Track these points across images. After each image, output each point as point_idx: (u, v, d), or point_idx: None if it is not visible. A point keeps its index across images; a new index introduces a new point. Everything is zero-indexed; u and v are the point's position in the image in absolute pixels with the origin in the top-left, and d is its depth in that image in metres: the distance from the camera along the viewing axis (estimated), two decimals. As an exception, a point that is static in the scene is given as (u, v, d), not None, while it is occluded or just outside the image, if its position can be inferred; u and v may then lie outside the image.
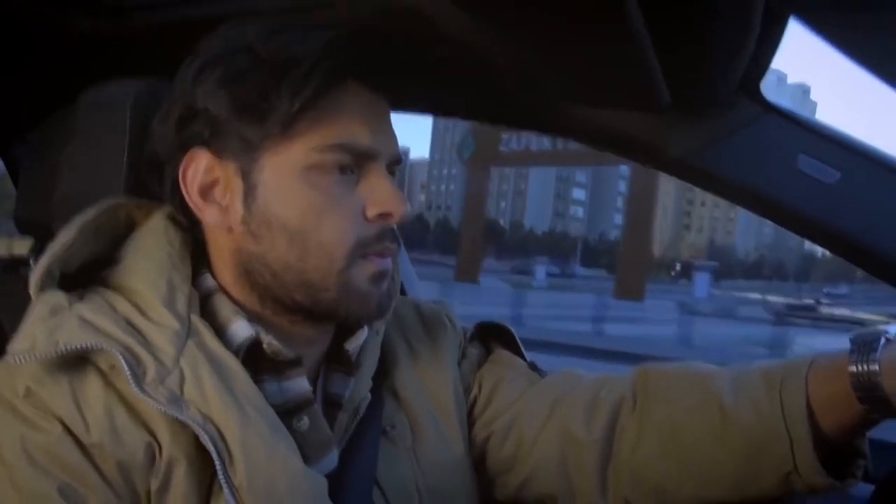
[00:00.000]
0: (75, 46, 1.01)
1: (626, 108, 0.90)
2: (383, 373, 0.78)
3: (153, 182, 0.70)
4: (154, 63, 0.79)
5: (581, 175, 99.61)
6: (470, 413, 0.83)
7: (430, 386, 0.80)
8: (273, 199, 0.65)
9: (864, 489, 0.83)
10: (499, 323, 0.90)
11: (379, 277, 0.68)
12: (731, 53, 0.78)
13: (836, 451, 0.69)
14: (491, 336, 0.90)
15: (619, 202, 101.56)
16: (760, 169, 0.88)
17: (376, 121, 0.68)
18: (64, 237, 0.66)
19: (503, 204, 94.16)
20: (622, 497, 0.77)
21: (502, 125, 1.07)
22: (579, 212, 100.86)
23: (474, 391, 0.84)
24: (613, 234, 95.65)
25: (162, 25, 0.94)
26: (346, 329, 0.73)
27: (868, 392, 0.63)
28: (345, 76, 0.65)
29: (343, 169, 0.66)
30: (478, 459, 0.82)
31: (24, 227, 0.88)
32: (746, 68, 0.83)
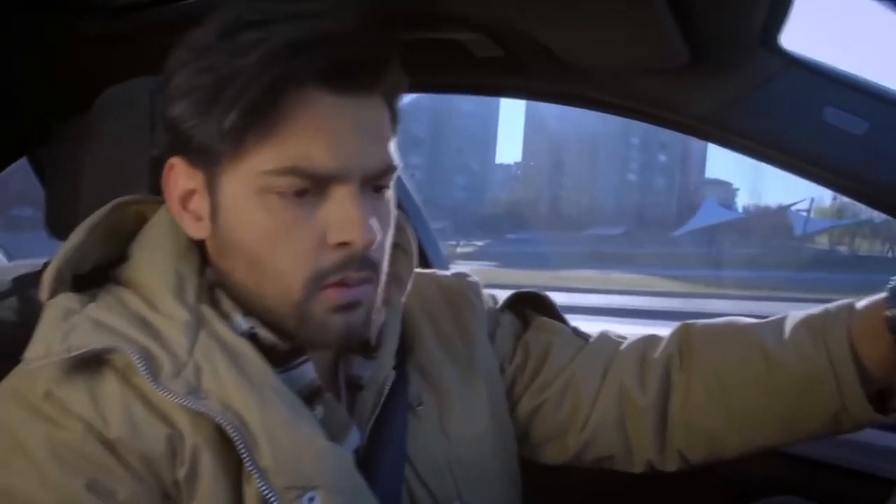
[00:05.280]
0: (89, 48, 1.01)
1: (642, 70, 0.88)
2: (407, 349, 0.77)
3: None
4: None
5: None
6: (514, 380, 0.83)
7: (454, 359, 0.79)
8: (232, 219, 0.62)
9: None
10: (534, 292, 0.89)
11: (342, 308, 0.63)
12: (747, 4, 0.76)
13: (878, 391, 0.71)
14: (525, 305, 0.89)
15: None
16: (785, 124, 0.85)
17: (342, 134, 0.60)
18: (72, 240, 0.66)
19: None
20: (676, 450, 0.79)
21: (514, 97, 1.04)
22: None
23: (517, 359, 0.83)
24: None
25: (177, 20, 0.94)
26: None
27: None
28: (294, 87, 0.58)
29: (300, 192, 0.60)
30: (524, 425, 0.82)
31: (54, 232, 0.89)
32: (764, 20, 0.80)
